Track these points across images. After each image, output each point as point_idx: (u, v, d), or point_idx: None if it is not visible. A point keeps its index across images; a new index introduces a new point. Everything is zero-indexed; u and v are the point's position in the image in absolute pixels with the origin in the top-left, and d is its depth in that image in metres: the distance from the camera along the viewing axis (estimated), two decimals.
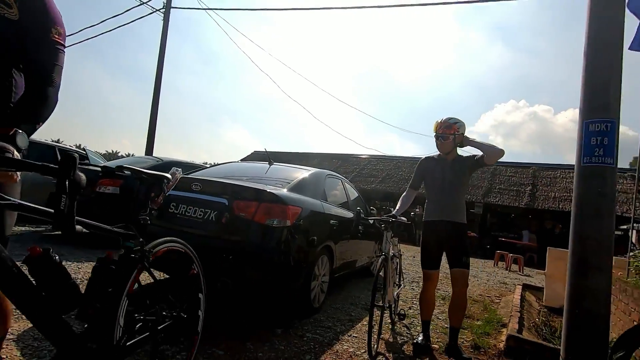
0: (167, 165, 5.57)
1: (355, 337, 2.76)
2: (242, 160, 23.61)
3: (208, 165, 4.70)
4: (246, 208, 2.74)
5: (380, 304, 2.68)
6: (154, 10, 10.96)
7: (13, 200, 0.98)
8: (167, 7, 10.89)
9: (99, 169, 5.07)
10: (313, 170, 3.78)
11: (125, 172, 1.45)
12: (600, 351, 2.05)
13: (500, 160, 3.08)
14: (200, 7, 8.93)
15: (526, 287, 5.48)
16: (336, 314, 3.26)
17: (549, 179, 15.33)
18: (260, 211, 2.71)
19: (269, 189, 2.88)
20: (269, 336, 2.51)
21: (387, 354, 2.55)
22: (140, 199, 1.48)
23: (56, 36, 1.16)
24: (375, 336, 2.63)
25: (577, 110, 2.44)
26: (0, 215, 1.08)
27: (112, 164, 5.68)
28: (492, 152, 2.59)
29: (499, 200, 15.20)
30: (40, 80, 1.13)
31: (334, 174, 4.41)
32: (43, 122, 1.14)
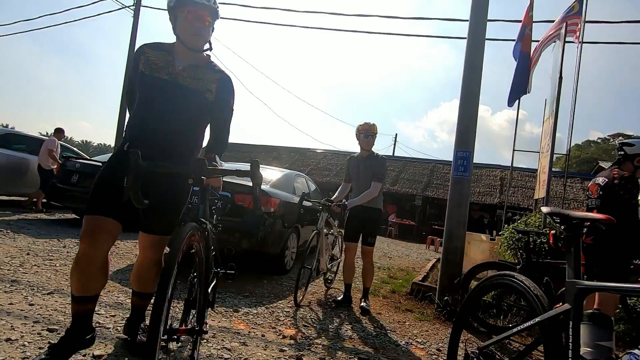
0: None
1: (315, 284, 4.15)
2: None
3: None
4: (243, 199, 3.99)
5: (308, 266, 3.43)
6: (124, 6, 11.34)
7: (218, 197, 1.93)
8: (137, 5, 11.33)
9: (100, 163, 5.90)
10: (286, 171, 5.11)
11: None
12: (453, 283, 3.64)
13: (437, 158, 4.26)
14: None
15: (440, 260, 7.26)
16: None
17: (475, 176, 17.91)
18: (253, 201, 3.97)
19: None
20: (260, 283, 3.82)
21: (316, 307, 3.34)
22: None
23: (233, 105, 1.92)
24: (303, 289, 3.46)
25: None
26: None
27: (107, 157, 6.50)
28: (368, 197, 3.41)
29: (435, 194, 17.51)
30: (224, 131, 1.93)
31: (300, 173, 5.76)
32: (223, 153, 1.93)
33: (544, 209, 1.65)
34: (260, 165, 4.97)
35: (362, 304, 3.44)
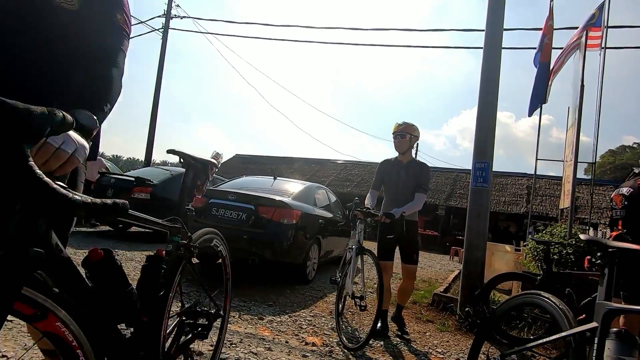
0: (178, 177, 6.76)
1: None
2: (226, 162, 24.67)
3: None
4: (266, 211, 4.17)
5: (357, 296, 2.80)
6: (153, 29, 12.05)
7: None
8: (166, 28, 12.02)
9: (133, 178, 6.28)
10: (307, 183, 5.28)
11: (178, 156, 1.39)
12: (474, 294, 3.64)
13: (458, 167, 4.16)
14: (199, 30, 10.12)
15: None
16: (323, 284, 4.73)
17: (501, 185, 17.52)
18: (276, 213, 4.14)
19: (281, 198, 4.33)
20: (283, 292, 3.96)
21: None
22: (187, 187, 1.40)
23: (121, 21, 1.15)
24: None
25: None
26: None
27: (139, 172, 6.91)
28: (414, 209, 3.03)
29: (459, 204, 17.21)
30: (105, 62, 1.08)
31: (320, 185, 5.93)
32: (111, 107, 1.05)
33: (583, 237, 1.70)
34: (283, 178, 5.17)
35: (400, 330, 3.13)
